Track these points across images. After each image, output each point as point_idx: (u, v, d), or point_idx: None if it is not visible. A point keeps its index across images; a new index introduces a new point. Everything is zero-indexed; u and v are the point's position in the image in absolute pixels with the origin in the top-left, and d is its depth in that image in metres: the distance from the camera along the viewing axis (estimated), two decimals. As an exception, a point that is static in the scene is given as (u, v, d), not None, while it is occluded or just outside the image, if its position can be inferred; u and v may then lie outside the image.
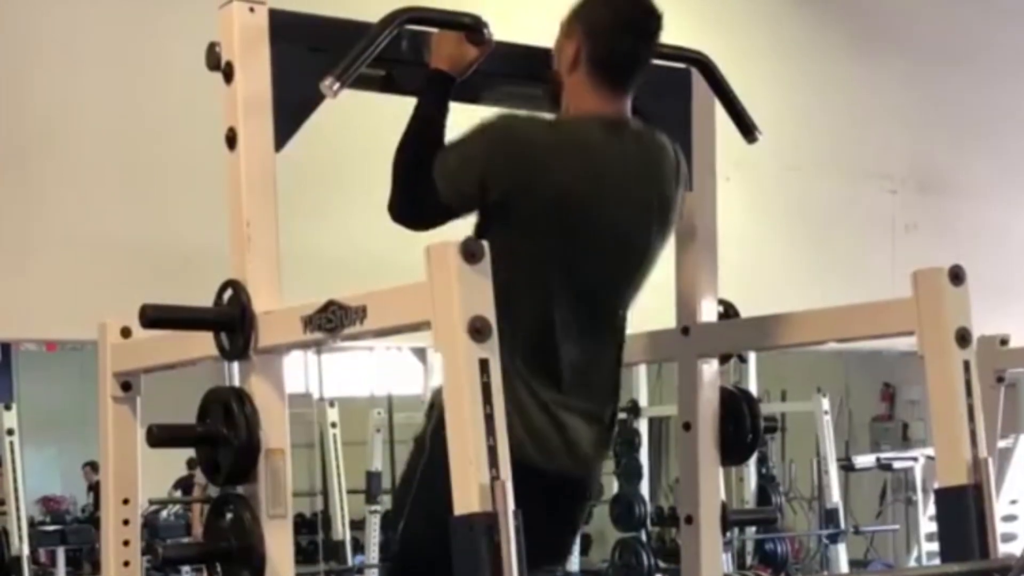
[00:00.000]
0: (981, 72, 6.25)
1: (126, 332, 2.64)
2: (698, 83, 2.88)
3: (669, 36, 2.85)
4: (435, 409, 2.51)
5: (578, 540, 8.97)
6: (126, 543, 2.65)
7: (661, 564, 7.73)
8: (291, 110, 2.37)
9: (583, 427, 2.57)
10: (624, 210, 2.57)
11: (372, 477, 8.16)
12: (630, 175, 2.59)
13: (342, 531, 7.74)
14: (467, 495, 1.89)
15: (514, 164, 2.47)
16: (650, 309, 2.84)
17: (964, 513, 2.27)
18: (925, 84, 6.07)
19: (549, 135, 2.54)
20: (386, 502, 8.16)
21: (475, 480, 1.88)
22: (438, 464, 1.99)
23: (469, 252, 1.91)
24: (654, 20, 2.60)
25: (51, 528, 8.82)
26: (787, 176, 5.59)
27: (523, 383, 2.44)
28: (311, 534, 8.74)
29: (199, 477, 8.65)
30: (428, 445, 2.51)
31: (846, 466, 8.66)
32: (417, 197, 2.54)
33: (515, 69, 2.72)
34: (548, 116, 2.65)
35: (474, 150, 2.50)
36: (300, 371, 9.46)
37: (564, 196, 2.49)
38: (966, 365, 2.31)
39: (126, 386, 2.66)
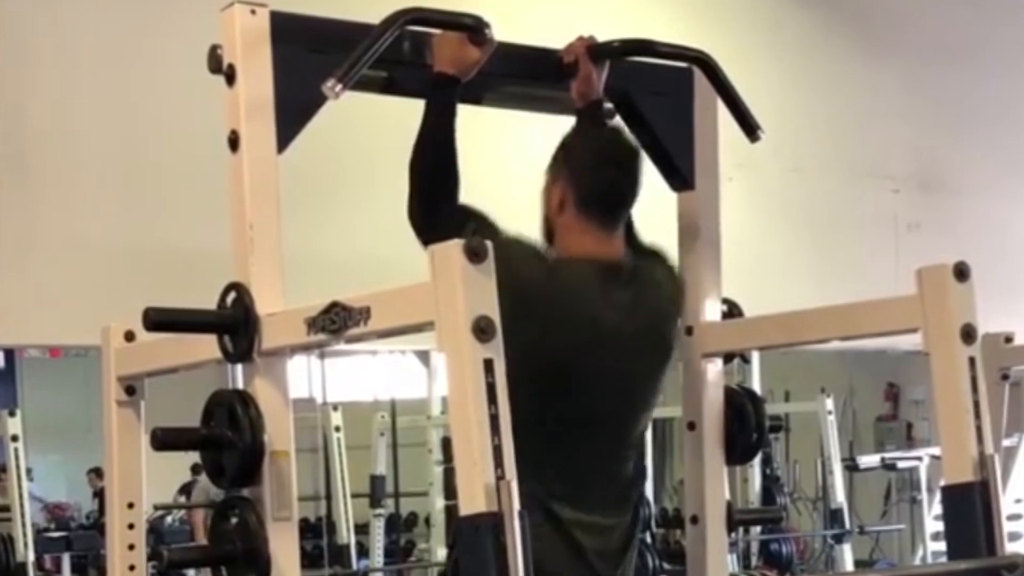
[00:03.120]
0: (981, 70, 6.25)
1: (130, 336, 2.64)
2: (700, 83, 2.87)
3: (672, 36, 2.86)
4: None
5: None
6: (131, 547, 2.65)
7: (666, 565, 7.72)
8: (293, 112, 2.37)
9: (594, 536, 2.60)
10: (620, 358, 2.62)
11: (376, 481, 8.17)
12: (627, 325, 2.62)
13: (346, 535, 7.74)
14: (472, 495, 1.88)
15: (509, 308, 2.46)
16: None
17: (970, 510, 2.26)
18: (926, 83, 6.07)
19: (546, 282, 2.55)
20: (390, 505, 8.18)
21: (480, 480, 1.87)
22: None
23: (473, 252, 1.91)
24: (634, 156, 2.67)
25: (56, 534, 8.83)
26: (789, 176, 5.59)
27: (536, 499, 2.44)
28: (315, 538, 8.76)
29: (203, 481, 8.65)
30: None
31: (850, 466, 8.66)
32: (432, 204, 2.56)
33: (518, 70, 2.72)
34: (547, 253, 2.64)
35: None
36: (304, 376, 9.47)
37: (557, 348, 2.52)
38: (971, 361, 2.30)
39: (130, 390, 2.65)
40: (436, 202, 2.55)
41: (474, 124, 2.69)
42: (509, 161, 4.29)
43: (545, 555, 2.33)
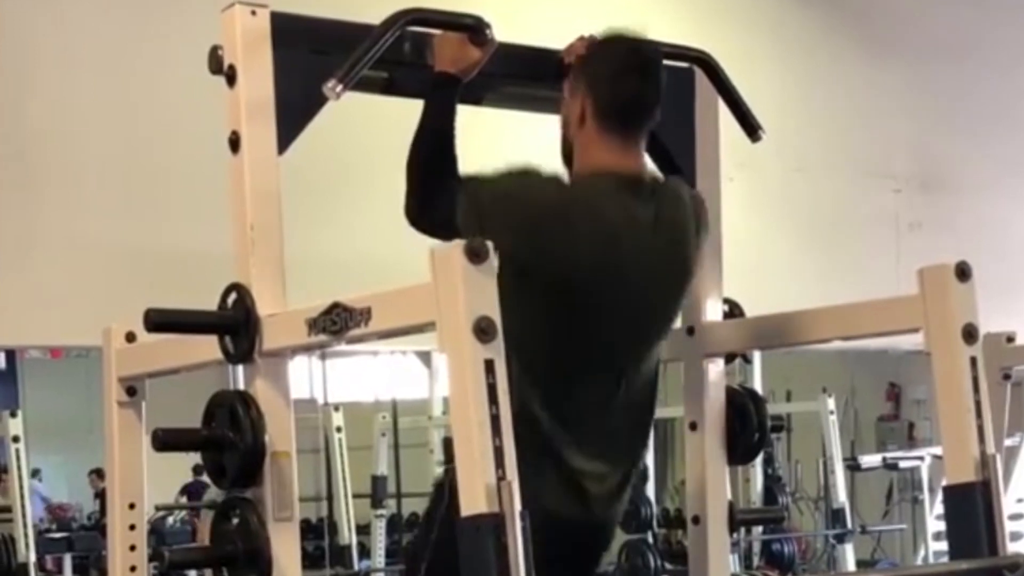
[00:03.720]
0: (983, 69, 6.24)
1: (131, 337, 2.64)
2: (702, 82, 2.87)
3: (673, 36, 2.85)
4: (445, 488, 2.49)
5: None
6: (132, 548, 2.65)
7: (668, 566, 7.72)
8: (294, 113, 2.37)
9: (594, 481, 2.56)
10: (640, 278, 2.55)
11: (377, 481, 8.17)
12: (646, 242, 2.55)
13: (348, 536, 7.74)
14: (473, 496, 1.88)
15: (528, 230, 2.44)
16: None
17: (972, 510, 2.26)
18: (928, 83, 6.07)
19: (564, 197, 2.51)
20: (391, 506, 8.17)
21: (481, 481, 1.87)
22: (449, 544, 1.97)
23: (474, 252, 1.91)
24: (654, 63, 2.60)
25: (58, 535, 8.83)
26: (791, 176, 5.59)
27: (537, 432, 2.42)
28: (317, 539, 8.75)
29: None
30: (447, 491, 2.47)
31: (852, 466, 8.66)
32: (431, 203, 2.54)
33: (519, 70, 2.72)
34: (564, 176, 2.58)
35: (495, 204, 2.47)
36: (305, 376, 9.46)
37: (576, 269, 2.48)
38: (973, 361, 2.30)
39: (131, 391, 2.65)
40: (433, 201, 2.53)
41: (474, 124, 2.68)
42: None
43: (543, 491, 2.33)
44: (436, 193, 2.53)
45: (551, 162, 2.67)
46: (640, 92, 2.58)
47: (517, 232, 2.41)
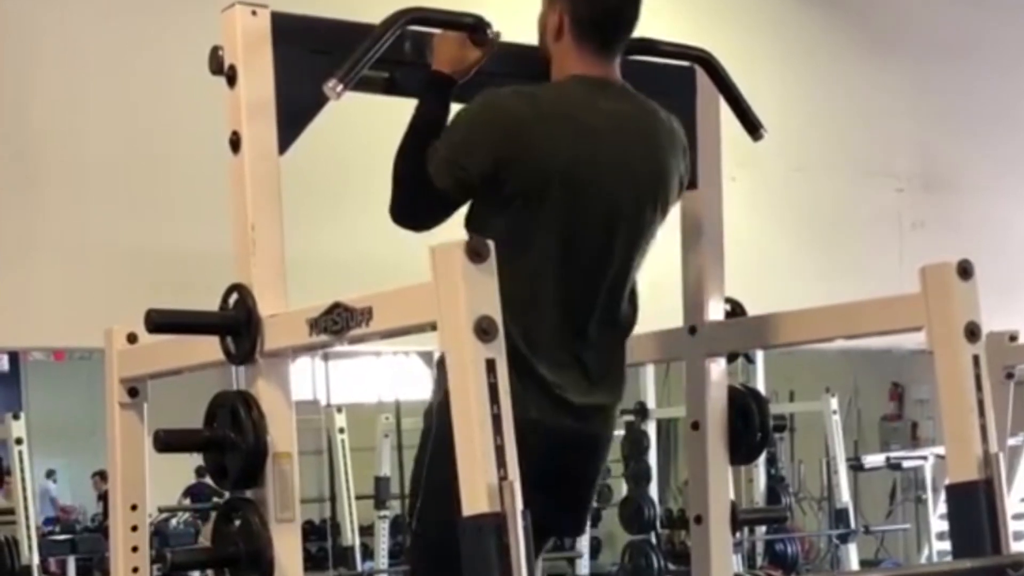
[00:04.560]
0: (985, 69, 6.24)
1: (132, 338, 2.64)
2: (702, 81, 2.87)
3: (674, 36, 2.85)
4: (441, 380, 2.47)
5: (588, 544, 8.98)
6: (135, 549, 2.65)
7: (671, 566, 7.72)
8: (294, 113, 2.37)
9: (575, 389, 2.51)
10: (616, 173, 2.52)
11: (380, 483, 8.16)
12: (618, 136, 2.53)
13: (351, 537, 7.74)
14: (475, 496, 1.88)
15: (501, 139, 2.45)
16: (657, 309, 2.83)
17: (975, 508, 2.25)
18: (930, 82, 6.06)
19: (532, 105, 2.49)
20: (395, 507, 8.17)
21: (483, 481, 1.87)
22: (447, 436, 1.95)
23: (474, 252, 1.91)
24: None
25: (61, 537, 8.83)
26: (793, 175, 5.58)
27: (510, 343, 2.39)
28: (320, 540, 8.75)
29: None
30: (435, 417, 2.48)
31: (855, 466, 8.65)
32: (417, 200, 2.54)
33: (517, 69, 2.71)
34: (531, 88, 2.56)
35: (462, 134, 2.48)
36: (307, 377, 9.46)
37: (552, 168, 2.46)
38: (976, 360, 2.29)
39: (133, 392, 2.65)
40: (421, 199, 2.52)
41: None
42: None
43: (524, 401, 2.20)
44: (422, 191, 2.51)
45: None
46: (618, 8, 2.56)
47: (488, 148, 2.43)
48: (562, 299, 2.51)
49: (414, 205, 2.55)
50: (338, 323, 2.10)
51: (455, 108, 2.58)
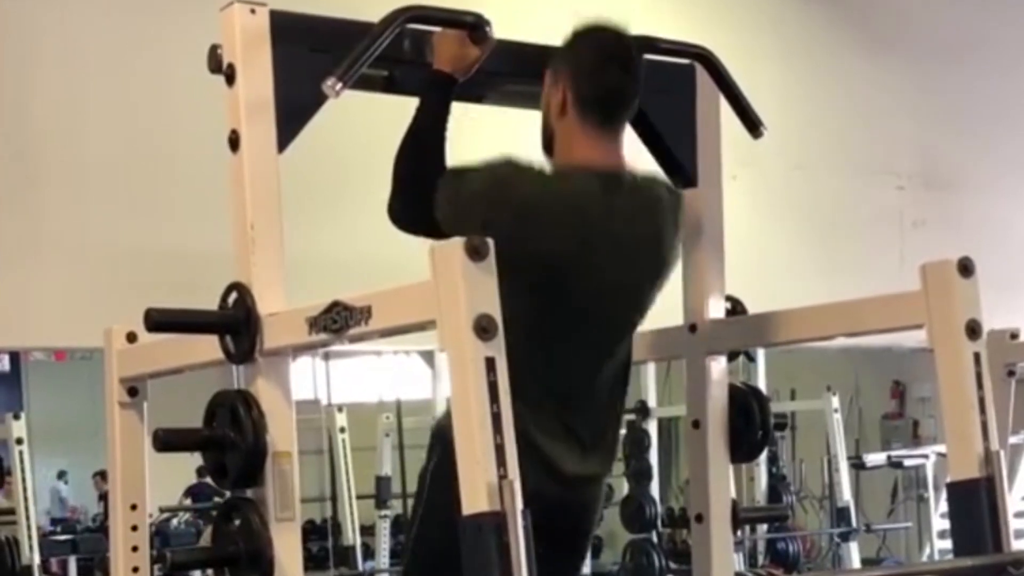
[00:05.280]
0: (986, 67, 6.23)
1: (132, 337, 2.64)
2: (702, 79, 2.86)
3: (674, 34, 2.85)
4: (435, 447, 2.55)
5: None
6: (135, 549, 2.65)
7: (672, 565, 7.72)
8: (293, 111, 2.36)
9: (569, 459, 2.56)
10: (617, 276, 2.57)
11: (381, 482, 8.16)
12: (625, 240, 2.58)
13: (352, 537, 7.74)
14: (475, 495, 1.88)
15: (508, 222, 2.43)
16: (657, 307, 2.83)
17: (976, 506, 2.25)
18: (931, 80, 6.06)
19: (547, 192, 2.51)
20: (396, 507, 8.17)
21: (483, 479, 1.87)
22: (436, 505, 1.96)
23: (474, 250, 1.90)
24: (634, 55, 2.61)
25: (62, 537, 8.83)
26: (793, 174, 5.57)
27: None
28: (321, 540, 8.75)
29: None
30: (427, 483, 2.56)
31: (857, 464, 8.65)
32: (417, 202, 2.53)
33: (518, 68, 2.71)
34: (546, 167, 2.58)
35: (470, 199, 2.48)
36: (308, 377, 9.47)
37: (555, 262, 2.49)
38: (976, 357, 2.29)
39: (132, 391, 2.65)
40: (420, 201, 2.52)
41: (473, 125, 2.68)
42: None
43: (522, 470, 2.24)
44: (420, 196, 2.51)
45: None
46: (621, 84, 2.59)
47: (497, 227, 2.40)
48: (558, 377, 2.54)
49: (412, 207, 2.54)
50: (337, 322, 2.10)
51: (456, 107, 2.58)
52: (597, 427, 2.63)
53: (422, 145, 2.53)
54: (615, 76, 2.57)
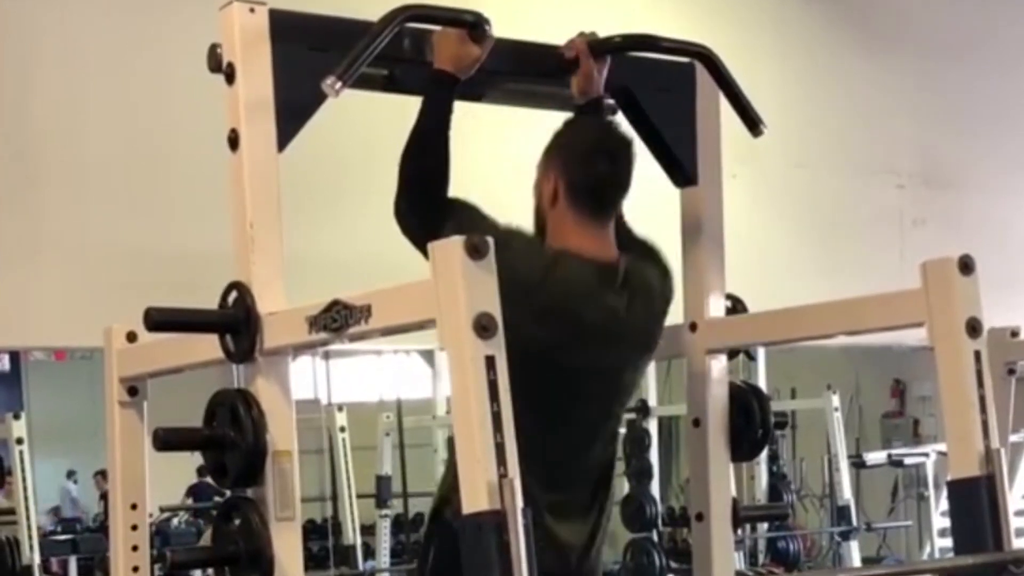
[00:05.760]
0: (986, 66, 6.23)
1: (132, 337, 2.63)
2: (702, 77, 2.86)
3: (674, 33, 2.84)
4: (434, 536, 2.58)
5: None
6: (135, 548, 2.64)
7: (673, 564, 7.72)
8: (293, 110, 2.36)
9: (570, 535, 2.60)
10: (606, 361, 2.62)
11: (382, 481, 8.17)
12: (615, 333, 2.61)
13: (352, 536, 7.74)
14: (475, 494, 1.87)
15: (505, 300, 2.46)
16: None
17: (977, 505, 2.25)
18: (931, 79, 6.05)
19: (541, 281, 2.52)
20: (396, 506, 8.17)
21: (483, 478, 1.86)
22: None
23: (474, 249, 1.90)
24: (627, 145, 2.64)
25: (62, 537, 8.84)
26: (794, 172, 5.57)
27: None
28: (322, 539, 8.75)
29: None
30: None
31: (857, 463, 8.66)
32: (423, 200, 2.55)
33: (519, 66, 2.71)
34: (545, 256, 2.59)
35: None
36: (308, 377, 9.47)
37: (545, 346, 2.50)
38: (977, 355, 2.28)
39: (132, 391, 2.65)
40: (424, 201, 2.53)
41: (472, 125, 2.67)
42: (502, 162, 4.29)
43: None
44: (428, 195, 2.53)
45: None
46: (611, 175, 2.63)
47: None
48: (554, 456, 2.57)
49: (419, 205, 2.55)
50: (337, 320, 2.09)
51: (459, 105, 2.58)
52: (587, 496, 2.67)
53: (427, 145, 2.54)
54: (605, 167, 2.62)
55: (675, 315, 2.92)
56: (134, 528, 2.65)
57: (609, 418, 2.71)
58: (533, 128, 2.81)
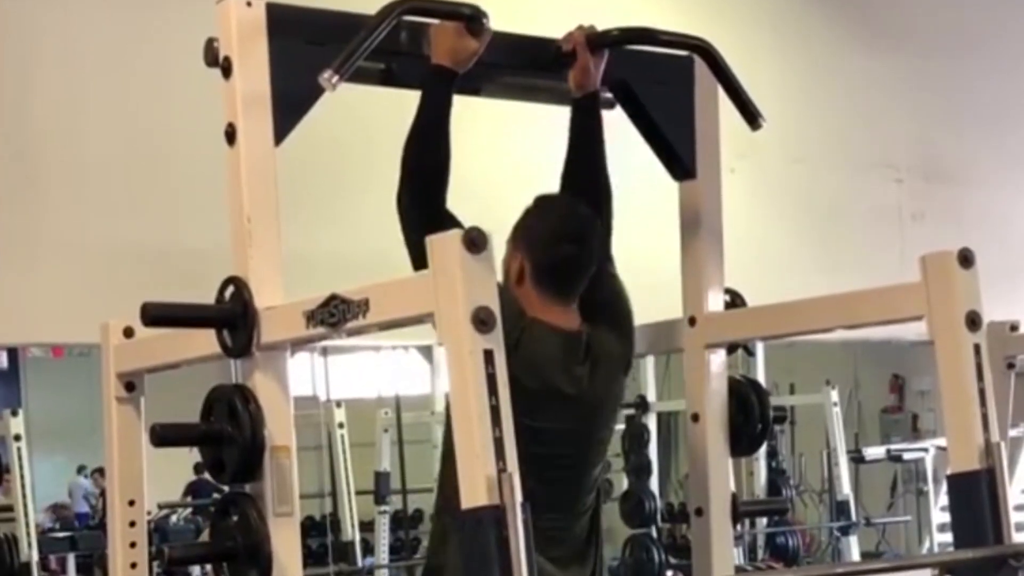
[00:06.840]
0: (985, 61, 6.23)
1: (129, 332, 2.63)
2: (701, 71, 2.85)
3: (672, 27, 2.84)
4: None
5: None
6: (133, 545, 2.64)
7: (672, 560, 7.71)
8: (290, 104, 2.36)
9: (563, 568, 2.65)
10: (575, 424, 2.67)
11: (381, 478, 8.16)
12: (582, 397, 2.68)
13: (351, 532, 7.73)
14: (474, 488, 1.87)
15: None
16: (656, 300, 2.82)
17: (977, 498, 2.24)
18: (929, 73, 6.05)
19: (519, 341, 2.54)
20: (395, 503, 8.17)
21: (482, 473, 1.86)
22: None
23: (472, 242, 1.89)
24: (589, 226, 2.70)
25: (61, 535, 8.82)
26: (792, 167, 5.57)
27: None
28: (320, 536, 8.74)
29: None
30: None
31: (856, 458, 8.65)
32: (425, 193, 2.56)
33: (516, 60, 2.71)
34: (521, 311, 2.63)
35: None
36: (307, 373, 9.45)
37: (522, 410, 2.49)
38: (977, 349, 2.28)
39: (130, 386, 2.65)
40: (426, 195, 2.56)
41: (472, 120, 2.67)
42: (502, 158, 4.29)
43: None
44: (429, 188, 2.55)
45: (544, 163, 2.67)
46: (574, 258, 2.68)
47: None
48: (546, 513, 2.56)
49: (421, 197, 2.57)
50: (335, 315, 2.09)
51: (457, 100, 2.57)
52: (580, 535, 2.73)
53: (427, 139, 2.55)
54: (568, 251, 2.67)
55: (674, 310, 2.92)
56: (132, 524, 2.64)
57: (582, 475, 2.74)
58: (532, 124, 2.81)
